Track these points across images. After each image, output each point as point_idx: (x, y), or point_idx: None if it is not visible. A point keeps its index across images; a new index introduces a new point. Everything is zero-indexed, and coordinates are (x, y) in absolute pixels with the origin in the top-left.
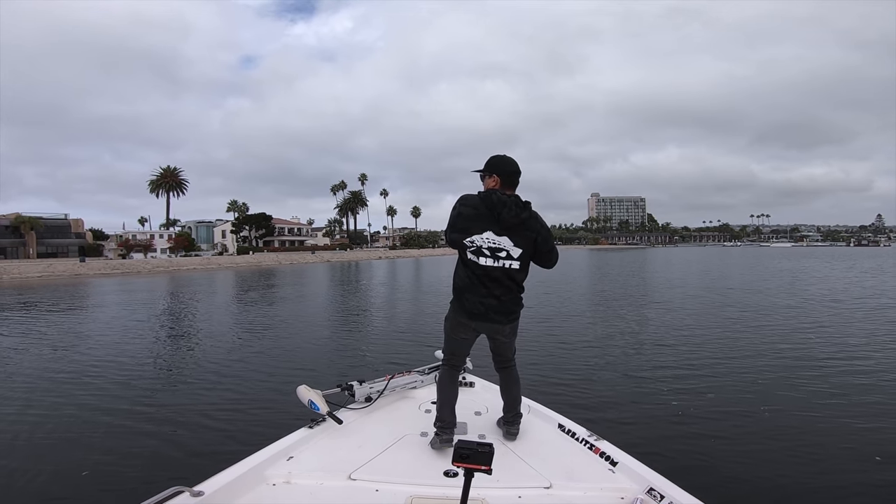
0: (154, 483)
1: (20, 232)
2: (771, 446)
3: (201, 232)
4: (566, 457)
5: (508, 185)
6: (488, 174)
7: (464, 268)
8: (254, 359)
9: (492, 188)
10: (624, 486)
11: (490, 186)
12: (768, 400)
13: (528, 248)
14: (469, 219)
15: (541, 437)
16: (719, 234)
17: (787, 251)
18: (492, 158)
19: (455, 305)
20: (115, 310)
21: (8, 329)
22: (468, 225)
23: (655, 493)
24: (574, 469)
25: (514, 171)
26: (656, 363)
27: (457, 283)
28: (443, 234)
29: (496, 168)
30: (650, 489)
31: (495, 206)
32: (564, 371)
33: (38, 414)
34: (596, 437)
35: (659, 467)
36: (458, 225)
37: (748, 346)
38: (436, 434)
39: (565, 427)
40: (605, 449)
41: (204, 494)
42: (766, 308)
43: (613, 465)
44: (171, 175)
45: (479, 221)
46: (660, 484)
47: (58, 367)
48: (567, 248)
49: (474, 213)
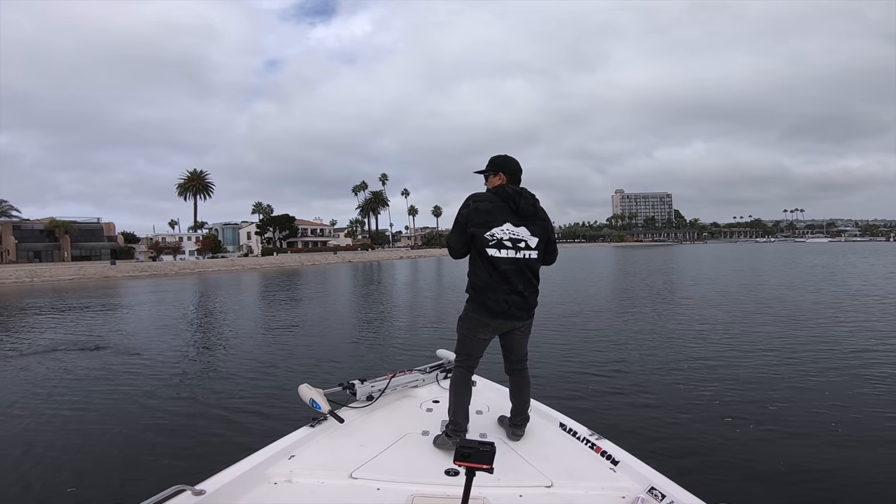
0: (156, 481)
1: (55, 235)
2: (775, 445)
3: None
4: (567, 456)
5: (513, 183)
6: (493, 173)
7: (484, 265)
8: (256, 358)
9: (497, 184)
10: (625, 485)
11: (495, 184)
12: (773, 399)
13: (543, 237)
14: (487, 212)
15: (542, 436)
16: (751, 229)
17: (825, 247)
18: (496, 158)
19: (475, 305)
20: (127, 313)
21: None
22: (487, 218)
23: (657, 492)
24: (575, 468)
25: (519, 169)
26: (659, 362)
27: (476, 283)
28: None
29: (502, 167)
30: (651, 488)
31: (511, 196)
32: (566, 369)
33: (39, 414)
34: (597, 437)
35: (660, 467)
36: (474, 220)
37: (755, 344)
38: (446, 436)
39: (567, 426)
40: (607, 448)
41: (206, 493)
42: (796, 305)
43: (615, 464)
44: (198, 178)
45: (497, 213)
46: (661, 483)
47: (64, 368)
48: (591, 245)
49: (490, 206)
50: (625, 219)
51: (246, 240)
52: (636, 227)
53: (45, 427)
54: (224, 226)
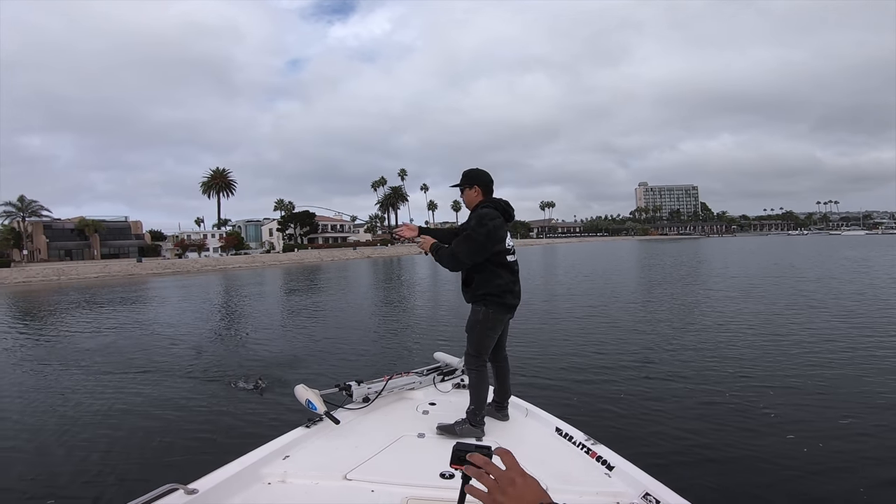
0: (148, 480)
1: (85, 234)
2: (772, 453)
3: (250, 231)
4: (563, 460)
5: (488, 194)
6: (469, 186)
7: (504, 272)
8: (252, 356)
9: (475, 199)
10: (620, 490)
11: (473, 197)
12: (772, 406)
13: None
14: (502, 226)
15: (537, 441)
16: (782, 222)
17: (862, 239)
18: (470, 172)
19: (494, 307)
20: (135, 313)
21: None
22: (503, 233)
23: (651, 497)
24: (570, 473)
25: (492, 181)
26: (656, 367)
27: (499, 287)
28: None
29: (478, 180)
30: (646, 494)
31: (506, 209)
32: (562, 373)
33: (30, 415)
34: (593, 441)
35: (655, 472)
36: (498, 235)
37: (757, 348)
38: (471, 425)
39: (562, 430)
40: (602, 453)
41: (198, 492)
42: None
43: (610, 469)
44: (221, 176)
45: (503, 225)
46: (655, 489)
47: (55, 368)
48: (613, 239)
49: (501, 220)
50: (648, 212)
51: (268, 236)
52: (660, 220)
53: (34, 427)
54: (247, 223)
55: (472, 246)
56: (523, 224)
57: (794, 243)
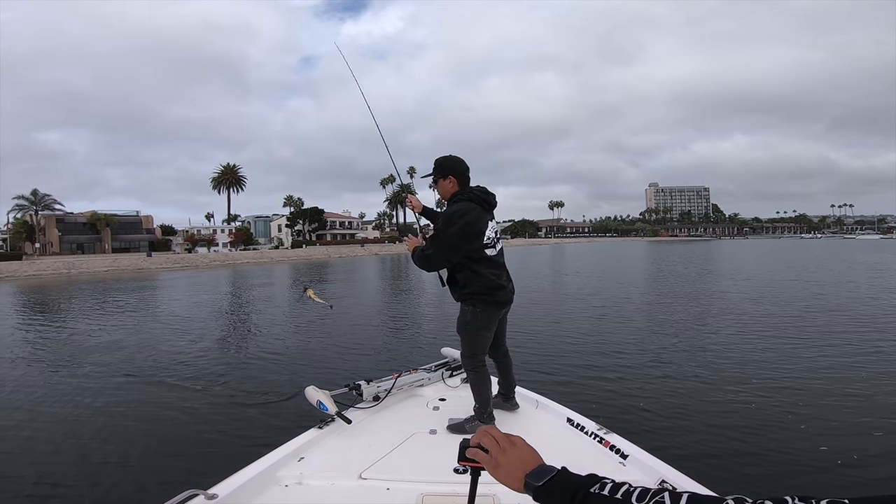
0: (165, 483)
1: (97, 228)
2: (787, 438)
3: (259, 226)
4: (575, 450)
5: (464, 184)
6: (443, 176)
7: (485, 267)
8: (262, 360)
9: (451, 189)
10: (635, 478)
11: (448, 189)
12: (787, 395)
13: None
14: (478, 220)
15: (549, 432)
16: (796, 225)
17: (877, 244)
18: (444, 161)
19: (483, 306)
20: (141, 311)
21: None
22: (480, 226)
23: (668, 485)
24: (584, 463)
25: (468, 168)
26: (667, 356)
27: (485, 284)
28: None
29: (452, 169)
30: (662, 482)
31: (484, 199)
32: (573, 364)
33: (46, 418)
34: (605, 431)
35: (672, 460)
36: (472, 231)
37: (772, 340)
38: (480, 421)
39: (574, 421)
40: (615, 442)
41: (218, 497)
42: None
43: (624, 458)
44: (231, 172)
45: (483, 216)
46: (672, 477)
47: (72, 369)
48: (623, 240)
49: (477, 213)
50: (659, 213)
51: (277, 232)
52: (671, 221)
53: (50, 431)
54: (256, 218)
55: (442, 247)
56: (532, 223)
57: (807, 247)
